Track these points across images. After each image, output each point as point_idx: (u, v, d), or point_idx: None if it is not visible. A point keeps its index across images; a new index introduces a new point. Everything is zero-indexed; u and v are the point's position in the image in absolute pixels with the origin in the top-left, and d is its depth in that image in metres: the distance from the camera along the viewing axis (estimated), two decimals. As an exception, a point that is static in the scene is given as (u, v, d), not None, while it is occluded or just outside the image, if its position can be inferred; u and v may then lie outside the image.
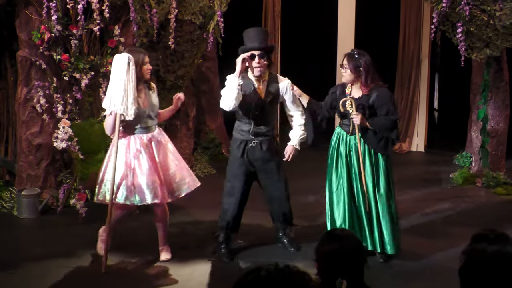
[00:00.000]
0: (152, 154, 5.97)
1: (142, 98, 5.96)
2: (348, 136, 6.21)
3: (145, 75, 5.96)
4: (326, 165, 6.40)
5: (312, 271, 2.31)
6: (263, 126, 6.24)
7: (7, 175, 8.62)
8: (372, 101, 6.05)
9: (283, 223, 6.59)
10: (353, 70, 6.03)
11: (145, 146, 5.95)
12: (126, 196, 5.91)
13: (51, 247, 6.59)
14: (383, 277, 5.79)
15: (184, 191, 6.17)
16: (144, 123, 5.98)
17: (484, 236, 3.10)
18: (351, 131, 6.18)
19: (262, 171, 6.36)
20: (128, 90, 5.67)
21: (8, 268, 6.04)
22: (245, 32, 6.20)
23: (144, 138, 5.97)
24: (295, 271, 2.10)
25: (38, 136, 7.72)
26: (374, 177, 6.14)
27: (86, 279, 5.85)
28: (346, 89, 6.20)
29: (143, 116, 5.95)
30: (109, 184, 5.88)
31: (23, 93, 7.66)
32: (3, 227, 7.19)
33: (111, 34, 7.64)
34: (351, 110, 6.06)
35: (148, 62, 5.99)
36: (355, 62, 6.02)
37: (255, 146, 6.25)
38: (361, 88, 6.10)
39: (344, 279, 3.12)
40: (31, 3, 7.41)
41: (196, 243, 6.73)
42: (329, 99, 6.37)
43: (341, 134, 6.28)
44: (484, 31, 7.99)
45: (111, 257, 6.17)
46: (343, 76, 6.16)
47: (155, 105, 6.08)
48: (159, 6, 7.81)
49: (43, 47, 7.38)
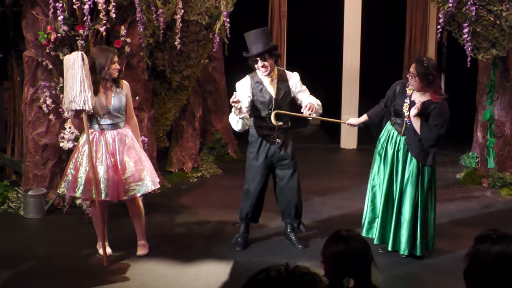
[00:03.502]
0: (113, 151, 6.11)
1: (107, 96, 6.14)
2: (398, 136, 6.21)
3: (113, 74, 6.13)
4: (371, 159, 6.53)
5: (319, 272, 2.31)
6: (281, 123, 6.36)
7: (13, 175, 8.65)
8: (431, 109, 6.01)
9: (292, 219, 6.68)
10: (421, 78, 5.95)
11: (106, 142, 6.11)
12: (83, 191, 6.07)
13: (57, 246, 6.60)
14: (390, 278, 5.79)
15: (140, 191, 6.23)
16: (106, 120, 6.15)
17: (487, 236, 3.10)
18: (402, 132, 6.17)
19: (278, 165, 6.54)
20: (86, 86, 5.84)
21: (15, 267, 6.06)
22: (245, 35, 6.33)
23: (107, 135, 6.14)
24: (305, 272, 2.10)
25: (45, 136, 7.74)
26: (417, 180, 6.13)
27: (91, 278, 5.86)
28: (407, 88, 6.17)
29: (105, 113, 6.11)
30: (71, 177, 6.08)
31: (29, 93, 7.68)
32: (10, 227, 7.21)
33: (117, 35, 7.64)
34: (407, 113, 6.05)
35: (116, 62, 6.16)
36: (424, 69, 5.93)
37: (271, 141, 6.42)
38: (429, 95, 6.05)
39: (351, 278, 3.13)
40: (37, 3, 7.43)
41: (202, 243, 6.74)
42: (389, 96, 6.34)
43: (391, 133, 6.27)
44: (490, 31, 7.98)
45: (116, 257, 6.20)
46: (411, 84, 6.07)
47: (121, 104, 6.20)
48: (165, 7, 7.81)
49: (49, 47, 7.39)
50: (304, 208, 7.19)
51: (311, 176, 9.26)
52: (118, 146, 6.13)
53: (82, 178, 6.06)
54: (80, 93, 5.84)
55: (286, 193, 6.61)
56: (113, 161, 6.09)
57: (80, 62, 5.84)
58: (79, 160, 6.11)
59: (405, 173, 6.16)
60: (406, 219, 6.17)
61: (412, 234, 6.19)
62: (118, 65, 6.19)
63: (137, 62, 7.97)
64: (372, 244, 6.41)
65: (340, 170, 10.01)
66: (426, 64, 5.95)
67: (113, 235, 6.70)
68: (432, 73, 5.95)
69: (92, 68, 6.00)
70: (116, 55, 6.25)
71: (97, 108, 6.06)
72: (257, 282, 2.11)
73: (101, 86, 6.13)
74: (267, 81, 6.38)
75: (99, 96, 6.09)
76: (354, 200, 8.19)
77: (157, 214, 7.54)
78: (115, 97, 6.17)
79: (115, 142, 6.13)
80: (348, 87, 11.07)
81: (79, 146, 6.20)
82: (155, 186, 6.30)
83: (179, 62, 8.43)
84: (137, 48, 7.82)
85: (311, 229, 7.07)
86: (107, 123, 6.16)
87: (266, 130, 6.44)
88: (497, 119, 8.79)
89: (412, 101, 6.06)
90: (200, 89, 9.79)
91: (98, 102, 6.06)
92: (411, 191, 6.14)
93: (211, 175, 9.30)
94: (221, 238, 6.81)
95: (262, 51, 6.21)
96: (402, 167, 6.16)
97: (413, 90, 6.10)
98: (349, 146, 11.23)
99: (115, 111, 6.16)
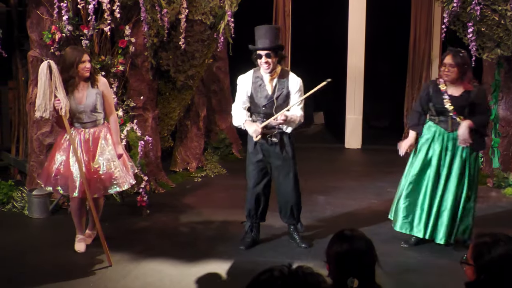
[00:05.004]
0: (87, 149, 6.25)
1: (80, 95, 6.23)
2: (446, 133, 6.28)
3: (82, 73, 6.20)
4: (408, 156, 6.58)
5: (323, 271, 2.30)
6: None
7: (18, 175, 8.66)
8: (473, 97, 6.14)
9: (288, 219, 6.64)
10: (459, 68, 6.08)
11: (82, 140, 6.24)
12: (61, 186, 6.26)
13: (61, 246, 6.60)
14: (392, 276, 5.78)
15: (112, 190, 6.36)
16: (80, 118, 6.27)
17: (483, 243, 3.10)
18: (450, 128, 6.25)
19: (274, 165, 6.45)
20: (47, 94, 5.94)
21: (19, 266, 6.06)
22: (256, 28, 6.29)
23: (84, 133, 6.27)
24: (309, 272, 2.09)
25: (49, 136, 7.73)
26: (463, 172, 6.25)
27: (95, 278, 5.85)
28: (440, 86, 6.24)
29: (80, 111, 6.23)
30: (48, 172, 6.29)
31: (34, 93, 7.67)
32: (14, 226, 7.22)
33: (121, 34, 7.64)
34: (451, 109, 6.15)
35: (86, 61, 6.22)
36: (462, 60, 6.08)
37: (267, 140, 6.35)
38: (462, 85, 6.17)
39: (355, 278, 3.12)
40: (42, 3, 7.43)
41: (206, 243, 6.73)
42: (424, 98, 6.36)
43: (437, 131, 6.32)
44: (495, 31, 7.95)
45: (120, 257, 6.20)
46: (448, 76, 6.16)
47: (95, 102, 6.28)
48: (169, 6, 7.81)
49: (54, 47, 7.39)
50: (307, 207, 7.19)
51: (316, 176, 9.27)
52: (92, 145, 6.27)
53: (60, 174, 6.22)
54: (41, 101, 5.97)
55: (282, 193, 6.58)
56: (86, 159, 6.22)
57: (45, 71, 5.95)
58: (57, 157, 6.26)
59: (453, 166, 6.27)
60: (447, 208, 6.31)
61: (451, 223, 6.34)
62: (88, 64, 6.22)
63: (141, 62, 7.97)
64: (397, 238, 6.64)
65: (344, 169, 10.00)
66: (462, 54, 6.11)
67: (116, 235, 6.71)
68: (467, 62, 6.14)
69: (63, 67, 6.14)
70: (87, 54, 6.29)
71: (72, 107, 6.18)
72: (260, 282, 2.11)
73: (75, 85, 6.22)
74: (267, 78, 6.32)
75: (74, 95, 6.20)
76: (359, 200, 8.20)
77: (161, 214, 7.53)
78: (89, 95, 6.27)
79: (89, 141, 6.27)
80: (352, 87, 11.06)
81: (57, 142, 6.39)
82: (127, 186, 6.44)
83: (183, 61, 8.43)
84: (142, 47, 7.82)
85: (315, 229, 7.07)
86: (84, 121, 6.29)
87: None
88: (502, 118, 8.77)
89: (451, 95, 6.16)
90: (204, 88, 9.79)
91: (74, 101, 6.19)
92: (455, 183, 6.27)
93: (215, 174, 9.30)
94: (225, 238, 6.80)
95: (267, 47, 6.17)
96: (450, 161, 6.26)
97: (448, 82, 6.18)
98: (353, 146, 11.22)
99: (89, 109, 6.26)
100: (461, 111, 6.18)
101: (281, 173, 6.47)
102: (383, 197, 8.32)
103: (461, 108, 6.17)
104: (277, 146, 6.37)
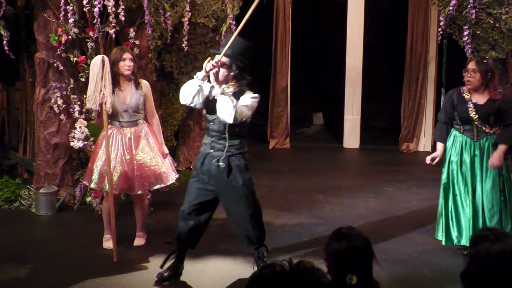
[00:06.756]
0: (129, 147, 6.27)
1: (124, 95, 6.27)
2: (472, 142, 6.06)
3: (123, 71, 6.25)
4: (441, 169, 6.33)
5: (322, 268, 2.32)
6: (222, 141, 5.44)
7: (25, 174, 8.69)
8: (498, 105, 5.93)
9: (248, 247, 5.82)
10: (482, 75, 5.88)
11: (123, 139, 6.28)
12: (97, 183, 6.27)
13: (67, 243, 6.62)
14: (388, 272, 5.80)
15: (157, 185, 6.44)
16: (122, 117, 6.31)
17: (484, 237, 3.11)
18: (476, 137, 6.05)
19: (220, 190, 5.56)
20: (98, 87, 6.00)
21: (27, 263, 6.07)
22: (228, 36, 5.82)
23: (125, 132, 6.30)
24: (309, 267, 2.11)
25: (56, 136, 7.76)
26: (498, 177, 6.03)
27: (100, 274, 5.87)
28: (463, 94, 6.03)
29: (123, 110, 6.28)
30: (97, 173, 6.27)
31: (41, 94, 7.71)
32: (22, 223, 7.24)
33: (126, 37, 7.66)
34: (475, 117, 5.96)
35: (128, 59, 6.27)
36: (485, 66, 5.89)
37: (214, 162, 5.46)
38: (488, 94, 5.96)
39: (354, 275, 3.14)
40: (49, 6, 7.45)
41: (208, 239, 6.71)
42: (448, 108, 6.15)
43: (463, 140, 6.11)
44: (490, 34, 7.97)
45: (124, 254, 6.22)
46: (469, 82, 5.96)
47: (138, 103, 6.33)
48: (173, 10, 7.82)
49: (60, 49, 7.41)
50: (307, 205, 7.20)
51: (315, 175, 9.30)
52: (134, 143, 6.28)
53: (98, 170, 6.23)
54: (92, 93, 6.02)
55: (234, 222, 5.81)
56: (128, 158, 6.24)
57: (98, 64, 6.00)
58: (98, 154, 6.29)
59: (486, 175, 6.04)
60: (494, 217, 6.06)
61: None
62: (129, 62, 6.26)
63: (145, 64, 7.99)
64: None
65: (342, 169, 10.02)
66: (486, 61, 5.94)
67: (120, 232, 6.71)
68: (492, 70, 5.93)
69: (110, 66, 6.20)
70: (129, 53, 6.33)
71: (116, 106, 6.22)
72: (262, 277, 2.12)
73: (119, 85, 6.29)
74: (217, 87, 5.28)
75: (118, 95, 6.24)
76: (356, 198, 8.22)
77: (165, 212, 7.55)
78: (133, 96, 6.32)
79: (131, 139, 6.28)
80: (351, 88, 11.08)
81: (98, 140, 6.38)
82: (171, 181, 6.49)
83: (186, 63, 8.45)
84: (146, 50, 7.84)
85: (314, 226, 7.08)
86: (125, 120, 6.32)
87: (209, 148, 5.51)
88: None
89: (476, 103, 5.96)
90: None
91: (118, 99, 6.23)
92: (491, 188, 6.03)
93: (217, 173, 9.30)
94: (226, 234, 6.80)
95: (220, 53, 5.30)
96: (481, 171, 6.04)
97: (471, 89, 5.99)
98: (351, 146, 11.23)
99: (132, 110, 6.29)
100: (486, 119, 5.98)
101: (230, 202, 5.61)
102: (380, 195, 8.36)
103: (486, 116, 5.96)
104: (224, 172, 5.44)
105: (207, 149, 5.52)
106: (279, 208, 7.65)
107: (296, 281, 2.06)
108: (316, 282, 2.09)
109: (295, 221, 7.29)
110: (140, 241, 6.59)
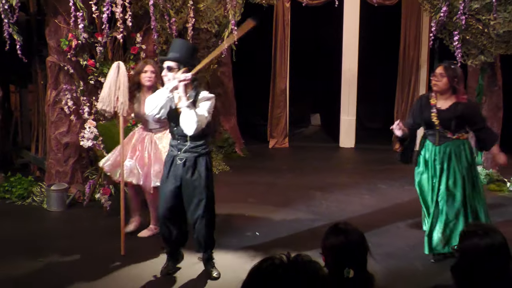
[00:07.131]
0: (149, 149, 6.39)
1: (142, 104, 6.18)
2: (434, 147, 6.01)
3: (144, 81, 6.32)
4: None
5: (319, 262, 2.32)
6: (189, 142, 5.39)
7: (37, 171, 8.70)
8: (461, 109, 5.84)
9: (198, 248, 5.69)
10: (450, 79, 5.82)
11: (144, 141, 6.42)
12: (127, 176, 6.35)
13: (77, 238, 6.63)
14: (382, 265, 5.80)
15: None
16: (147, 123, 6.42)
17: (473, 232, 3.11)
18: (437, 142, 5.97)
19: (184, 190, 5.48)
20: (113, 91, 5.98)
21: (38, 256, 6.08)
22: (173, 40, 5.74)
23: (143, 135, 6.45)
24: (307, 260, 2.11)
25: (66, 136, 7.77)
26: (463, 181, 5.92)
27: (108, 268, 5.87)
28: (430, 100, 5.96)
29: (142, 117, 6.37)
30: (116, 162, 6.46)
31: (52, 95, 7.72)
32: (34, 219, 7.25)
33: (133, 42, 7.67)
34: (437, 122, 5.90)
35: (149, 71, 6.32)
36: (453, 72, 5.84)
37: (180, 163, 5.41)
38: (455, 97, 5.87)
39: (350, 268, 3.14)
40: (59, 12, 7.46)
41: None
42: (417, 112, 6.10)
43: (427, 144, 6.09)
44: (479, 39, 7.97)
45: (132, 247, 6.23)
46: (435, 85, 5.89)
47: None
48: (177, 16, 7.84)
49: (70, 53, 7.42)
50: (305, 202, 7.18)
51: (312, 173, 9.30)
52: (154, 147, 6.38)
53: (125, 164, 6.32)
54: (107, 96, 5.99)
55: (193, 223, 5.56)
56: (146, 156, 6.37)
57: (114, 68, 5.98)
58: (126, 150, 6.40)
59: (448, 178, 5.94)
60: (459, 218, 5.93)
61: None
62: (150, 73, 6.31)
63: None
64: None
65: (339, 167, 10.03)
66: (454, 66, 5.91)
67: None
68: (459, 75, 5.86)
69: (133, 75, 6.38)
70: (151, 65, 6.34)
71: (140, 112, 6.34)
72: (262, 270, 2.11)
73: (141, 92, 6.35)
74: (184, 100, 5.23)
75: (140, 102, 6.28)
76: (352, 195, 8.23)
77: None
78: None
79: (151, 144, 6.40)
80: (346, 90, 11.08)
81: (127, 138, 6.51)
82: None
83: (190, 67, 8.44)
84: (152, 54, 7.84)
85: (312, 221, 7.08)
86: (150, 127, 6.44)
87: (176, 150, 5.46)
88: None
89: (439, 108, 5.89)
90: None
91: (140, 107, 6.28)
92: (458, 192, 5.92)
93: (219, 171, 9.30)
94: (228, 230, 6.81)
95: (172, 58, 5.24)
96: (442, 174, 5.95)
97: (438, 93, 5.91)
98: (347, 145, 11.24)
99: (151, 119, 6.25)
100: (447, 124, 5.87)
101: (190, 202, 5.47)
102: (375, 192, 8.37)
103: (447, 121, 5.87)
104: (189, 170, 5.39)
105: (174, 151, 5.47)
106: (278, 204, 7.65)
107: (295, 274, 2.06)
108: (314, 275, 2.08)
109: (294, 217, 7.29)
110: (147, 232, 6.65)
